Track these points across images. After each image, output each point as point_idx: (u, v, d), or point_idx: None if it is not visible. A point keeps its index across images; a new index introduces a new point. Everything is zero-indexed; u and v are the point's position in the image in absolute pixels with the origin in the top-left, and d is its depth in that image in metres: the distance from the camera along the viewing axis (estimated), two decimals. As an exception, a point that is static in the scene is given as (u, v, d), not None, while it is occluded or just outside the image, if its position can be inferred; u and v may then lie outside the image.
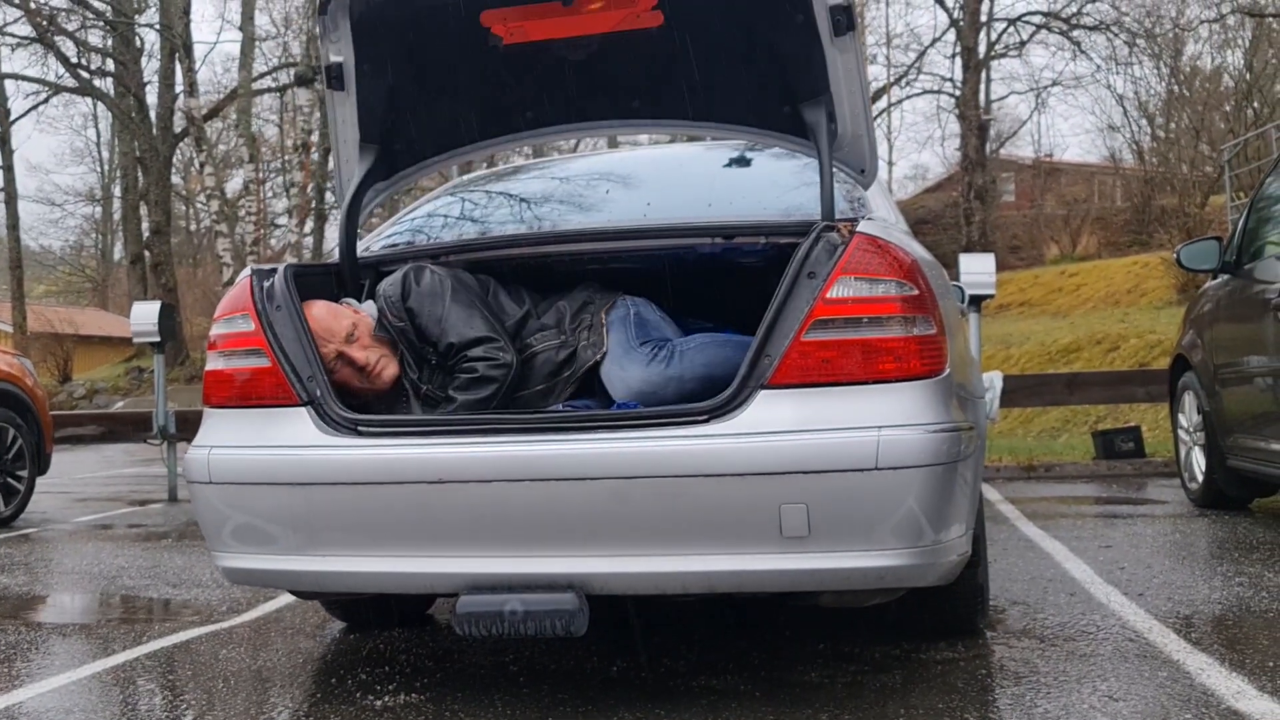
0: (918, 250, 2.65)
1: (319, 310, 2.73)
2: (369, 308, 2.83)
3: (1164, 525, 5.07)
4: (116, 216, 33.78)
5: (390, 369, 2.75)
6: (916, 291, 2.42)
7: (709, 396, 2.52)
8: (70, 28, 24.20)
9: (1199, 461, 5.50)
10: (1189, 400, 5.58)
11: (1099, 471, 7.57)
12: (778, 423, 2.32)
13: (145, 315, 7.28)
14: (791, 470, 2.29)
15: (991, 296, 6.51)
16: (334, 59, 2.89)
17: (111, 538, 5.84)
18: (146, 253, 26.01)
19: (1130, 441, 7.65)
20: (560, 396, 2.74)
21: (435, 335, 2.71)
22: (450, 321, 2.69)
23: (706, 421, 2.36)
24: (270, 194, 29.55)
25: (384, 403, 2.79)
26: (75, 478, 9.92)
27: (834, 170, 2.85)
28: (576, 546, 2.38)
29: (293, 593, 3.01)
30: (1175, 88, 24.77)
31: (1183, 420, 5.70)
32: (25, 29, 24.32)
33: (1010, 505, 5.92)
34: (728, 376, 2.51)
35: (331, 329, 2.70)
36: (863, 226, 2.49)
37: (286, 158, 29.10)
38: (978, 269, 6.32)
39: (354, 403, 2.73)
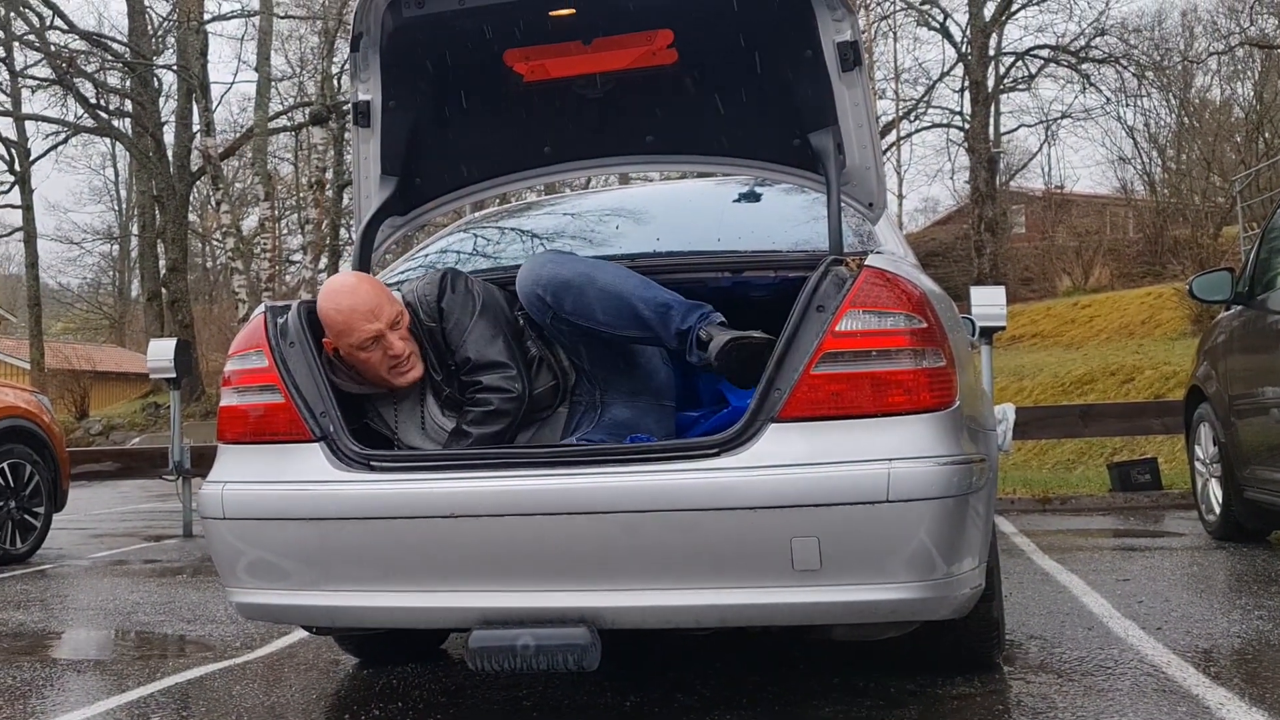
0: (926, 283, 2.66)
1: (368, 287, 2.68)
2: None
3: (1182, 558, 5.03)
4: (134, 254, 34.08)
5: (417, 370, 2.71)
6: (925, 324, 2.42)
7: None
8: (90, 69, 24.56)
9: (1216, 494, 5.47)
10: (1205, 432, 5.56)
11: (1115, 504, 7.52)
12: (788, 456, 2.32)
13: (162, 352, 7.34)
14: (802, 503, 2.28)
15: (1003, 329, 6.50)
16: (362, 97, 2.93)
17: (127, 573, 5.86)
18: (163, 290, 26.22)
19: (1147, 474, 7.60)
20: (570, 425, 2.74)
21: (456, 343, 2.69)
22: (473, 336, 2.67)
23: (717, 455, 2.36)
24: (285, 231, 29.83)
25: (406, 403, 2.77)
26: (91, 514, 9.96)
27: (842, 204, 2.87)
28: (588, 580, 2.38)
29: (306, 628, 3.01)
30: (1185, 119, 24.84)
31: (1199, 452, 5.67)
32: (46, 71, 24.72)
33: (1026, 538, 5.88)
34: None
35: (381, 308, 2.65)
36: (871, 260, 2.50)
37: (301, 195, 29.39)
38: (989, 301, 6.32)
39: (370, 432, 2.74)
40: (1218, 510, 5.45)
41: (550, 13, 2.81)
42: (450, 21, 2.84)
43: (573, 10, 2.81)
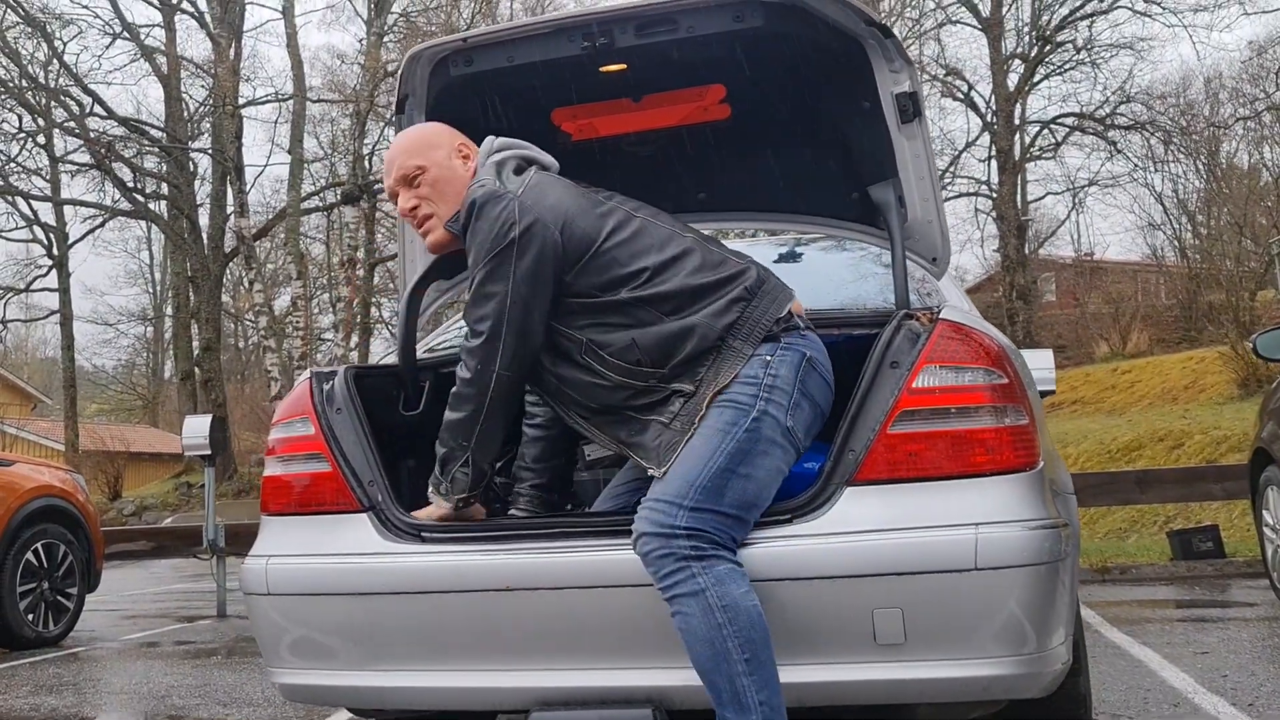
0: (1002, 338, 2.53)
1: (402, 141, 2.44)
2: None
3: (1260, 629, 4.79)
4: (168, 335, 34.46)
5: (433, 236, 2.40)
6: (1006, 380, 2.29)
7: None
8: (127, 154, 25.09)
9: (1289, 561, 5.23)
10: (1274, 496, 5.33)
11: (1178, 573, 7.24)
12: (867, 521, 2.18)
13: (197, 429, 7.25)
14: (885, 572, 2.13)
15: (1052, 392, 6.33)
16: None
17: (160, 655, 5.71)
18: (196, 370, 26.42)
19: (1209, 541, 7.33)
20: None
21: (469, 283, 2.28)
22: (473, 282, 2.25)
23: (789, 521, 2.22)
24: (317, 309, 30.12)
25: None
26: (124, 594, 9.84)
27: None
28: (654, 658, 2.23)
29: (351, 710, 2.85)
30: (1214, 184, 24.74)
31: (1268, 517, 5.44)
32: (85, 157, 25.27)
33: (1090, 610, 5.64)
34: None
35: (393, 161, 2.41)
36: (945, 313, 2.38)
37: (333, 274, 29.72)
38: (1038, 364, 6.09)
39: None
40: (1292, 578, 5.21)
41: (601, 68, 2.74)
42: (498, 80, 2.78)
43: (624, 66, 2.74)
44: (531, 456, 2.76)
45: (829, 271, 3.55)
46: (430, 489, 2.41)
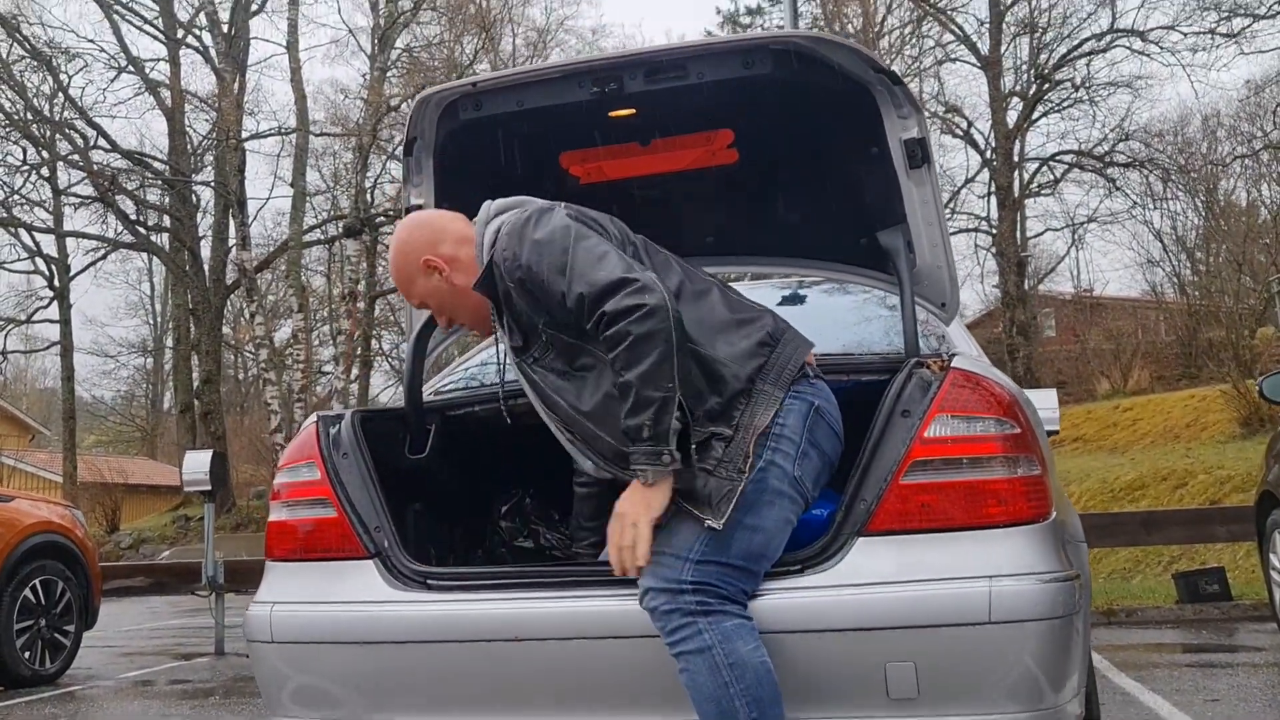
0: (1013, 385, 2.52)
1: (399, 257, 2.38)
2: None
3: (1269, 675, 4.74)
4: (167, 367, 34.44)
5: (481, 328, 2.47)
6: (1018, 430, 2.28)
7: None
8: (130, 187, 25.18)
9: (1296, 605, 5.19)
10: (1280, 539, 5.30)
11: (1184, 616, 7.17)
12: (878, 573, 2.16)
13: (197, 464, 7.23)
14: (897, 625, 2.11)
15: (1057, 432, 6.30)
16: (415, 201, 2.86)
17: (158, 695, 5.65)
18: (196, 402, 26.38)
19: (1215, 584, 7.27)
20: None
21: (561, 289, 2.15)
22: (577, 270, 2.14)
23: (800, 572, 2.20)
24: (317, 342, 30.10)
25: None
26: (120, 630, 9.75)
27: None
28: (664, 710, 2.19)
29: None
30: (1212, 222, 24.84)
31: (1275, 560, 5.40)
32: (88, 189, 25.36)
33: (1096, 654, 5.58)
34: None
35: (406, 289, 2.40)
36: (957, 361, 2.36)
37: (334, 306, 29.76)
38: (1041, 404, 6.10)
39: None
40: (1300, 623, 5.17)
41: (610, 113, 2.75)
42: (507, 124, 2.79)
43: (633, 110, 2.75)
44: (586, 515, 2.71)
45: (834, 315, 3.54)
46: (643, 464, 2.09)
